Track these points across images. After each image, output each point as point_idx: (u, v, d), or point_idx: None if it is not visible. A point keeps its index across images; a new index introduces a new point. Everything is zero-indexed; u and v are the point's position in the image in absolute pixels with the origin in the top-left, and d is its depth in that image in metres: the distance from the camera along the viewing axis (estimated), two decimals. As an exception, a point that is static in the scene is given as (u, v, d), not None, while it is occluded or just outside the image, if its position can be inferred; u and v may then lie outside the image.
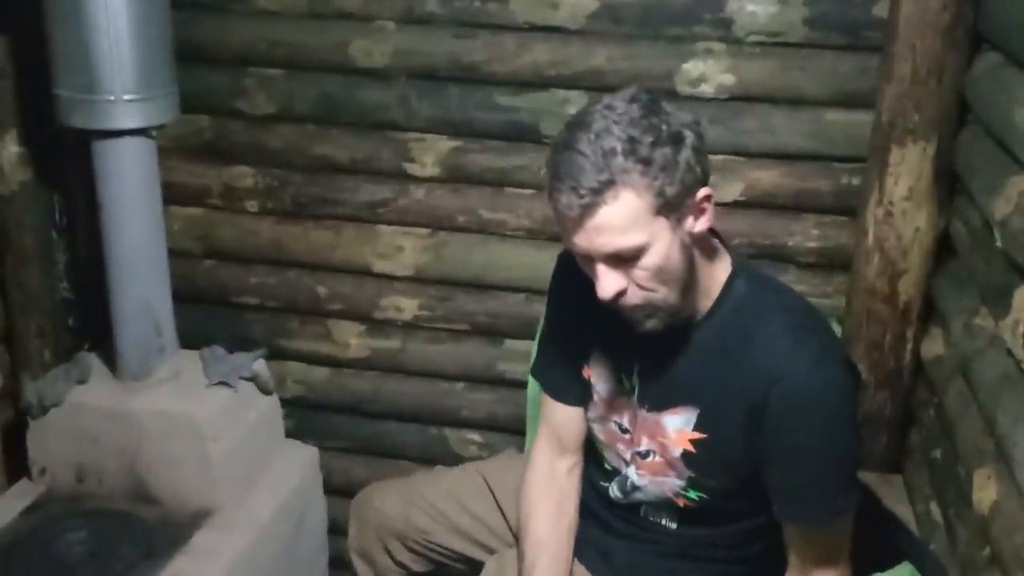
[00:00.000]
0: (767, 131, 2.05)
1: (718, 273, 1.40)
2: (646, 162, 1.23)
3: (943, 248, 1.97)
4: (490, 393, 2.37)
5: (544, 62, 2.09)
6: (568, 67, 2.07)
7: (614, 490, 1.60)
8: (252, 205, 2.35)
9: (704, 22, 2.01)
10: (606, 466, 1.61)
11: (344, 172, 2.28)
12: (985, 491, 1.51)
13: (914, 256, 1.97)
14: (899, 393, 2.07)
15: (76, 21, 1.71)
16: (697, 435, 1.42)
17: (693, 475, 1.47)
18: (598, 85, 2.05)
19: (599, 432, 1.59)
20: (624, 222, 1.24)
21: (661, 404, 1.45)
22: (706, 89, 2.04)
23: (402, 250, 2.31)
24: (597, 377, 1.55)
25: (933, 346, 1.98)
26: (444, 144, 2.21)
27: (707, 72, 2.03)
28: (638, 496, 1.55)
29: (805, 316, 1.40)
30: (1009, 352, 1.50)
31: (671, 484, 1.50)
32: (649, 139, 1.24)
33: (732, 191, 2.10)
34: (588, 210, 1.24)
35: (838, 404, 1.34)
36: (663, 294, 1.31)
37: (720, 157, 2.07)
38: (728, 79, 2.03)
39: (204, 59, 2.22)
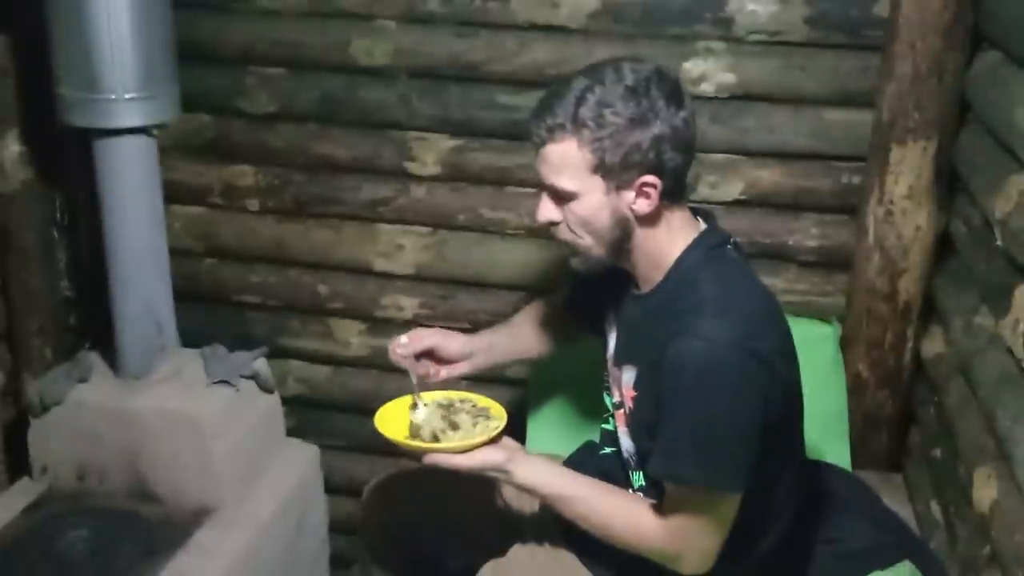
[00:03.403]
0: (767, 130, 2.05)
1: (674, 248, 1.47)
2: (600, 125, 1.36)
3: (943, 247, 1.97)
4: (491, 392, 2.34)
5: (545, 61, 2.09)
6: (569, 66, 2.05)
7: (607, 450, 1.68)
8: (253, 204, 2.35)
9: (705, 21, 2.01)
10: (608, 427, 1.68)
11: (345, 171, 2.28)
12: (985, 490, 1.51)
13: (914, 255, 1.97)
14: (899, 392, 2.07)
15: (77, 20, 1.70)
16: (635, 393, 1.51)
17: (634, 431, 1.55)
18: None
19: (607, 389, 1.67)
20: (560, 165, 1.40)
21: (620, 361, 1.57)
22: (707, 88, 2.04)
23: (403, 249, 2.31)
24: (609, 335, 1.65)
25: (933, 345, 1.98)
26: (445, 143, 2.21)
27: (708, 71, 2.03)
28: (624, 449, 1.60)
29: (732, 299, 1.40)
30: (1009, 351, 1.50)
31: (631, 439, 1.57)
32: (616, 108, 1.36)
33: (732, 190, 2.10)
34: (543, 141, 1.41)
35: (713, 376, 1.33)
36: (587, 243, 1.46)
37: (720, 156, 2.08)
38: (729, 78, 2.03)
39: (205, 58, 2.22)
